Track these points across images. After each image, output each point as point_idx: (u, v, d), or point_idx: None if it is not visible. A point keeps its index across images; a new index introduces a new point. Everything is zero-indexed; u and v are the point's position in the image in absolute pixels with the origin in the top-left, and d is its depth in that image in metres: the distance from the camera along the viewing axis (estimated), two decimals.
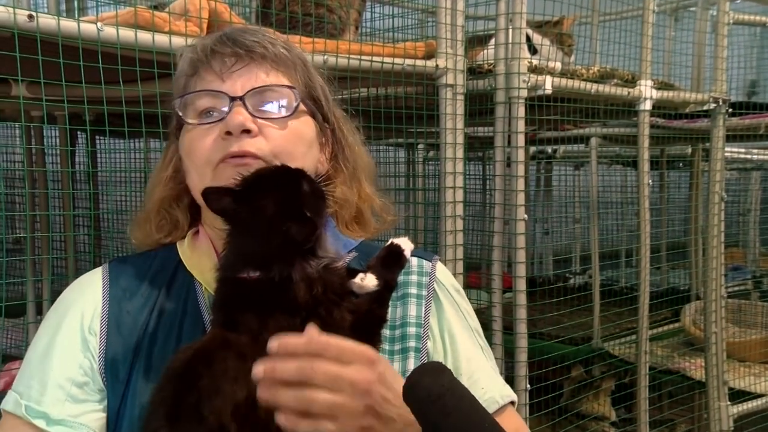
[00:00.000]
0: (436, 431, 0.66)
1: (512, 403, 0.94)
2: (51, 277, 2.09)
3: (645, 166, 2.07)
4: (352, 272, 0.84)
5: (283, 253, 0.77)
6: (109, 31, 1.14)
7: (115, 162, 2.45)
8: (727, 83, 2.31)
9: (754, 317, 2.97)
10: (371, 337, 0.82)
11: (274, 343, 0.71)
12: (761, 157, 3.28)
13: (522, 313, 1.72)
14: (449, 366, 0.90)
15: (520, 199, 1.71)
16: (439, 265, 0.99)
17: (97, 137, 2.29)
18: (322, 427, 0.70)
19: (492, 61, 1.74)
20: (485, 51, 1.93)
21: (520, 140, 1.70)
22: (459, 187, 1.68)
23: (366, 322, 0.82)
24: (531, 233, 3.10)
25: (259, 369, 0.70)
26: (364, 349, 0.74)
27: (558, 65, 1.79)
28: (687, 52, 2.53)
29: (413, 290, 0.94)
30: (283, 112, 0.89)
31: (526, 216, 1.73)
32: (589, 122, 2.56)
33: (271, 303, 0.76)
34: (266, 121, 0.88)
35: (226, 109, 0.87)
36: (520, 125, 1.69)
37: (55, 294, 2.17)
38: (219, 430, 0.71)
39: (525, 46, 1.73)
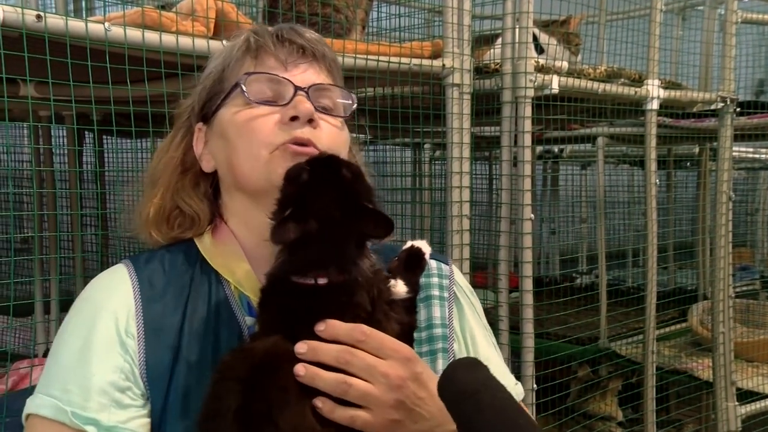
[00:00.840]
0: (470, 427, 0.66)
1: None
2: (59, 277, 2.10)
3: (652, 165, 2.06)
4: None
5: (352, 255, 0.77)
6: (117, 31, 1.15)
7: (123, 162, 2.46)
8: (735, 82, 2.30)
9: (762, 317, 2.96)
10: (410, 345, 0.82)
11: (322, 325, 0.75)
12: None
13: (529, 313, 1.72)
14: None
15: (527, 198, 1.71)
16: (455, 268, 1.01)
17: (104, 137, 2.30)
18: (357, 416, 0.74)
19: (499, 61, 1.74)
20: (492, 50, 1.93)
21: (527, 140, 1.70)
22: (465, 186, 1.68)
23: (407, 332, 0.83)
24: (537, 233, 3.09)
25: (302, 347, 0.74)
26: (403, 347, 0.78)
27: (565, 65, 1.78)
28: (695, 52, 2.52)
29: (435, 292, 0.95)
30: (338, 113, 0.92)
31: (532, 215, 1.72)
32: (596, 122, 2.55)
33: (334, 312, 0.76)
34: (325, 116, 0.90)
35: (288, 97, 0.88)
36: (527, 125, 1.69)
37: (63, 293, 2.19)
38: None
39: (532, 46, 1.73)
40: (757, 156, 3.24)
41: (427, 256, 0.90)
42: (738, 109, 2.31)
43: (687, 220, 3.44)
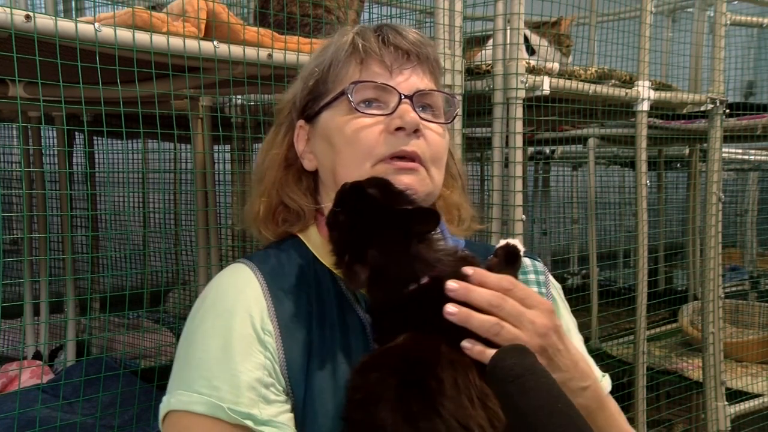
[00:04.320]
0: (514, 409, 0.69)
1: None
2: (48, 278, 2.09)
3: (643, 166, 2.07)
4: None
5: (429, 250, 0.80)
6: (107, 32, 1.14)
7: (113, 163, 2.45)
8: (724, 84, 2.31)
9: (751, 317, 2.98)
10: None
11: (470, 269, 0.79)
12: (758, 157, 3.29)
13: None
14: None
15: (518, 199, 1.71)
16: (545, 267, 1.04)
17: (94, 138, 2.29)
18: None
19: (490, 62, 1.74)
20: (483, 52, 1.93)
21: (518, 141, 1.70)
22: None
23: None
24: (529, 234, 3.10)
25: (454, 285, 0.77)
26: (545, 300, 0.82)
27: (556, 66, 1.79)
28: (684, 53, 2.54)
29: (534, 288, 0.98)
30: (440, 118, 0.93)
31: (524, 216, 1.73)
32: (587, 123, 2.56)
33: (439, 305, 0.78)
34: (428, 123, 0.91)
35: (392, 104, 0.89)
36: (518, 126, 1.69)
37: (52, 295, 2.17)
38: (464, 429, 0.72)
39: (523, 47, 1.73)
40: (746, 157, 3.25)
41: (522, 253, 0.92)
42: (727, 111, 2.33)
43: (677, 221, 3.46)
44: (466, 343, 0.76)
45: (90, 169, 2.20)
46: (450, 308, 0.76)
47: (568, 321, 1.00)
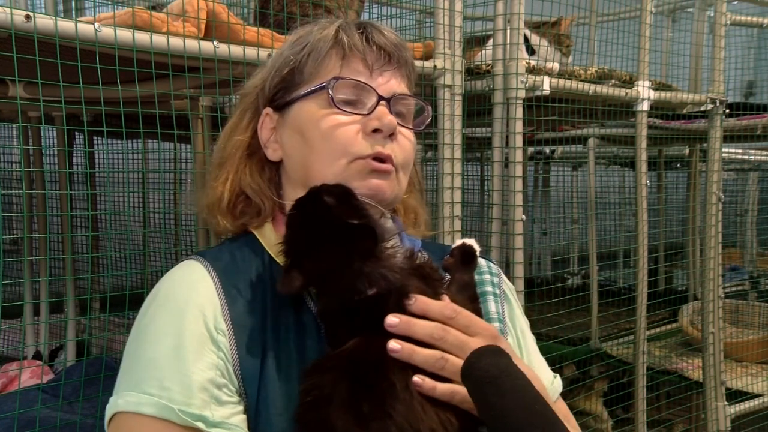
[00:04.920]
0: (491, 411, 0.69)
1: None
2: (48, 278, 2.09)
3: (643, 166, 2.07)
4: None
5: (376, 267, 0.78)
6: (107, 32, 1.14)
7: (113, 163, 2.45)
8: (724, 84, 2.31)
9: (751, 317, 2.98)
10: None
11: (412, 299, 0.77)
12: (758, 157, 3.29)
13: None
14: (524, 360, 0.95)
15: (518, 199, 1.71)
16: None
17: (94, 138, 2.29)
18: (456, 390, 0.74)
19: (490, 62, 1.74)
20: (483, 52, 1.93)
21: (518, 141, 1.70)
22: (457, 187, 1.68)
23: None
24: (529, 234, 3.10)
25: (395, 321, 0.76)
26: (490, 326, 0.82)
27: (556, 66, 1.79)
28: (684, 53, 2.54)
29: (489, 288, 0.98)
30: (410, 124, 0.93)
31: (524, 216, 1.73)
32: (586, 123, 2.56)
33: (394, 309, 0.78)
34: (403, 128, 0.91)
35: (369, 105, 0.89)
36: (518, 126, 1.70)
37: (52, 295, 2.17)
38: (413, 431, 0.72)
39: (523, 47, 1.73)
40: (746, 157, 3.26)
41: (477, 253, 0.92)
42: (727, 111, 2.33)
43: (677, 221, 3.46)
44: (416, 379, 0.75)
45: (90, 169, 2.20)
46: (393, 345, 0.75)
47: (521, 321, 1.00)
